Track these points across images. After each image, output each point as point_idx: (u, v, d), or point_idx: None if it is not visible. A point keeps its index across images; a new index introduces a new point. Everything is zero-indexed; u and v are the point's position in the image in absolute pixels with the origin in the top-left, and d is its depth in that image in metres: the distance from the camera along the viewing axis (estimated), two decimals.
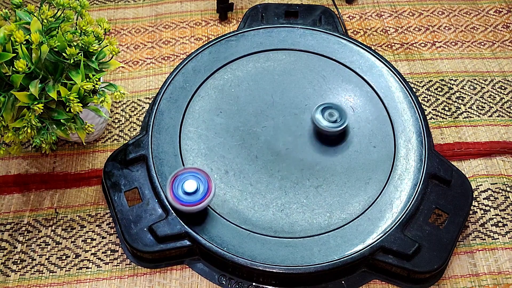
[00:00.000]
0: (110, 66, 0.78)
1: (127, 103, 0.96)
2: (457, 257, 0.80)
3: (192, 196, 0.73)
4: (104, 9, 1.09)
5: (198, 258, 0.79)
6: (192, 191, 0.73)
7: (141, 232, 0.77)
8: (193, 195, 0.73)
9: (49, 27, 0.75)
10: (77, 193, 0.86)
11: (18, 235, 0.82)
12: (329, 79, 0.91)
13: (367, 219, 0.78)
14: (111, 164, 0.82)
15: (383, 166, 0.83)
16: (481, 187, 0.86)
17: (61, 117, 0.74)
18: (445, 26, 1.06)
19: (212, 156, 0.84)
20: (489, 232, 0.82)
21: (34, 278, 0.78)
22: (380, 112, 0.88)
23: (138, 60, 1.01)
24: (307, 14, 1.01)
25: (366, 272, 0.77)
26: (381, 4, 1.10)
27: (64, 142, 0.91)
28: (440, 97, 0.96)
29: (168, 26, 1.06)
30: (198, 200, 0.73)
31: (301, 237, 0.77)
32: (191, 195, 0.73)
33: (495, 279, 0.78)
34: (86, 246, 0.81)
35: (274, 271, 0.73)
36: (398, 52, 1.02)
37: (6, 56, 0.69)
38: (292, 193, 0.81)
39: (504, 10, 1.09)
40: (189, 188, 0.73)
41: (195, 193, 0.73)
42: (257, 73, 0.92)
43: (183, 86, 0.90)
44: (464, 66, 1.00)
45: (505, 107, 0.95)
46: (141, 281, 0.78)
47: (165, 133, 0.85)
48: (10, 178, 0.87)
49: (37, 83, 0.71)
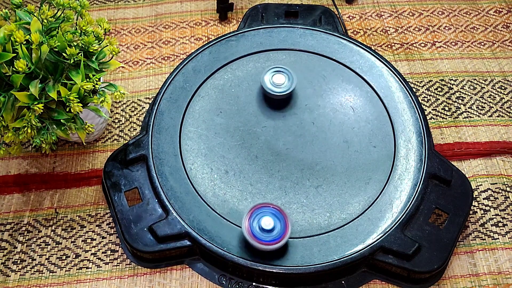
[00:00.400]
0: (110, 66, 0.78)
1: (127, 103, 0.96)
2: (457, 257, 0.80)
3: (269, 234, 0.71)
4: (104, 9, 1.09)
5: (198, 258, 0.79)
6: (269, 229, 0.71)
7: (141, 232, 0.77)
8: (269, 232, 0.71)
9: (49, 27, 0.75)
10: (77, 193, 0.86)
11: (18, 235, 0.82)
12: (329, 79, 0.91)
13: (367, 219, 0.78)
14: (111, 164, 0.82)
15: (383, 166, 0.83)
16: (481, 187, 0.86)
17: (61, 117, 0.74)
18: (445, 26, 1.06)
19: (212, 156, 0.84)
20: (489, 232, 0.82)
21: (34, 278, 0.78)
22: (380, 112, 0.88)
23: (138, 60, 1.01)
24: (307, 14, 1.01)
25: (366, 272, 0.77)
26: (381, 4, 1.10)
27: (64, 142, 0.91)
28: (440, 97, 0.96)
29: (168, 26, 1.06)
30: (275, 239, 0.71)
31: (301, 237, 0.77)
32: (267, 232, 0.71)
33: (495, 279, 0.78)
34: (86, 246, 0.81)
35: (274, 271, 0.73)
36: (398, 52, 1.02)
37: (6, 56, 0.69)
38: (292, 193, 0.81)
39: (504, 10, 1.09)
40: (266, 225, 0.71)
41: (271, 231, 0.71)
42: (257, 73, 0.92)
43: (183, 86, 0.90)
44: (464, 66, 1.00)
45: (505, 107, 0.95)
46: (141, 281, 0.78)
47: (165, 133, 0.85)
48: (10, 178, 0.87)
49: (37, 83, 0.71)
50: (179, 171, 0.81)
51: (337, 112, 0.88)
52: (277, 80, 0.86)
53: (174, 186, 0.80)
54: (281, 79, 0.86)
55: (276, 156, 0.84)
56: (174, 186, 0.80)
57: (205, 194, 0.80)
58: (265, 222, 0.71)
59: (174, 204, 0.78)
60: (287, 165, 0.83)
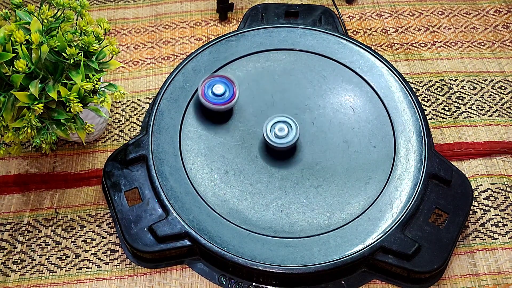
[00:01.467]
0: (110, 66, 0.78)
1: (127, 103, 0.96)
2: (457, 257, 0.80)
3: (220, 98, 0.85)
4: (104, 9, 1.09)
5: (198, 258, 0.79)
6: (220, 94, 0.85)
7: (141, 232, 0.77)
8: (220, 97, 0.85)
9: (49, 27, 0.75)
10: (77, 193, 0.86)
11: (18, 235, 0.82)
12: (329, 79, 0.91)
13: (367, 219, 0.78)
14: (111, 164, 0.82)
15: (383, 166, 0.83)
16: (481, 187, 0.86)
17: (61, 117, 0.74)
18: (445, 26, 1.06)
19: (212, 156, 0.84)
20: (489, 232, 0.82)
21: (34, 278, 0.78)
22: (380, 112, 0.88)
23: (138, 60, 1.01)
24: (307, 14, 1.01)
25: (366, 272, 0.77)
26: (381, 4, 1.10)
27: (64, 142, 0.91)
28: (440, 97, 0.96)
29: (168, 26, 1.06)
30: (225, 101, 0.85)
31: (301, 237, 0.77)
32: (219, 97, 0.85)
33: (495, 279, 0.78)
34: (86, 246, 0.81)
35: (274, 271, 0.73)
36: (398, 52, 1.02)
37: (6, 56, 0.69)
38: (292, 193, 0.81)
39: (504, 10, 1.09)
40: (218, 91, 0.85)
41: (222, 95, 0.85)
42: (257, 73, 0.92)
43: (183, 86, 0.90)
44: (464, 66, 1.00)
45: (505, 107, 0.95)
46: (141, 281, 0.78)
47: (165, 133, 0.85)
48: (10, 178, 0.87)
49: (37, 83, 0.71)
50: (179, 171, 0.81)
51: (337, 112, 0.88)
52: (279, 131, 0.82)
53: (174, 186, 0.80)
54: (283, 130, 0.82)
55: (276, 156, 0.84)
56: (174, 186, 0.80)
57: (205, 194, 0.80)
58: (216, 88, 0.85)
59: (174, 204, 0.78)
60: (287, 165, 0.83)
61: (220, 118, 0.88)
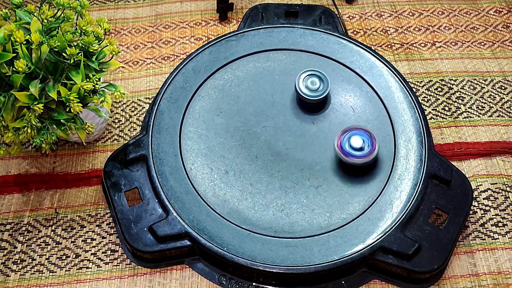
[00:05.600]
0: (110, 66, 0.78)
1: (127, 103, 0.96)
2: (457, 257, 0.80)
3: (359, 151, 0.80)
4: (104, 9, 1.09)
5: (198, 258, 0.79)
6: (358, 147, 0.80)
7: (141, 232, 0.77)
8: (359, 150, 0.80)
9: (49, 27, 0.75)
10: (77, 193, 0.86)
11: (18, 235, 0.82)
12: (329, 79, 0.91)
13: (367, 219, 0.78)
14: (111, 164, 0.82)
15: (383, 166, 0.83)
16: (481, 187, 0.86)
17: (61, 117, 0.74)
18: (445, 26, 1.06)
19: (212, 156, 0.84)
20: (489, 232, 0.82)
21: (34, 278, 0.78)
22: (380, 112, 0.88)
23: (138, 60, 1.01)
24: (307, 14, 1.01)
25: (366, 272, 0.77)
26: (381, 4, 1.10)
27: (64, 142, 0.91)
28: (440, 97, 0.96)
29: (168, 26, 1.06)
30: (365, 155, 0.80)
31: (301, 237, 0.77)
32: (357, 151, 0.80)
33: (495, 279, 0.78)
34: (86, 246, 0.81)
35: (274, 271, 0.73)
36: (398, 52, 1.02)
37: (6, 56, 0.69)
38: (292, 193, 0.81)
39: (504, 10, 1.09)
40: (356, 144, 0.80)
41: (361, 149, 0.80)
42: (257, 73, 0.92)
43: (183, 86, 0.90)
44: (464, 66, 1.00)
45: (505, 107, 0.95)
46: (141, 281, 0.78)
47: (165, 133, 0.85)
48: (10, 178, 0.87)
49: (37, 83, 0.71)
50: (179, 171, 0.81)
51: (337, 112, 0.88)
52: (311, 84, 0.86)
53: (174, 186, 0.80)
54: (315, 83, 0.86)
55: (276, 156, 0.84)
56: (174, 186, 0.80)
57: (205, 194, 0.80)
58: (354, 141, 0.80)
59: (174, 204, 0.78)
60: (287, 165, 0.83)
61: (220, 118, 0.88)
